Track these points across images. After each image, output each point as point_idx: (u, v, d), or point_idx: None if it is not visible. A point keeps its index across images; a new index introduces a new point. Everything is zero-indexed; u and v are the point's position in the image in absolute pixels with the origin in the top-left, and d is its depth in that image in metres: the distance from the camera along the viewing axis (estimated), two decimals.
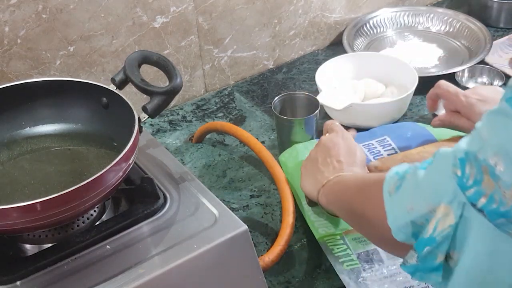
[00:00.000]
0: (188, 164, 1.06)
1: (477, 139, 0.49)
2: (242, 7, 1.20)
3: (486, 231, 0.49)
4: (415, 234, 0.56)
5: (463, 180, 0.50)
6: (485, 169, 0.47)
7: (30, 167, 0.80)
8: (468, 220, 0.51)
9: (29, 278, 0.68)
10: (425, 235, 0.54)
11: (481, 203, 0.49)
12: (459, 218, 0.51)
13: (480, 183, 0.48)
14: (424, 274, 0.56)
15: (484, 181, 0.48)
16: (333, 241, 0.85)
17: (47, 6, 0.98)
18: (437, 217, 0.52)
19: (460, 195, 0.50)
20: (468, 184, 0.49)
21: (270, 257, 0.81)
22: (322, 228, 0.87)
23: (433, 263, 0.54)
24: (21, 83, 0.83)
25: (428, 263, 0.55)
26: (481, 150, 0.48)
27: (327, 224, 0.88)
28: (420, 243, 0.54)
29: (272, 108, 1.02)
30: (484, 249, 0.50)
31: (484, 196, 0.48)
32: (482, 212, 0.49)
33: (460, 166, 0.50)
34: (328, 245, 0.84)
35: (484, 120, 0.49)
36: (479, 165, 0.48)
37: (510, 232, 0.48)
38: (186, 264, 0.69)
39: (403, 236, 0.58)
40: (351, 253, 0.82)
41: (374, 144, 1.00)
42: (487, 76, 1.20)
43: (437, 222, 0.52)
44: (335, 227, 0.87)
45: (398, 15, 1.42)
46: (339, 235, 0.86)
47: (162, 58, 0.82)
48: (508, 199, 0.46)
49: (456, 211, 0.51)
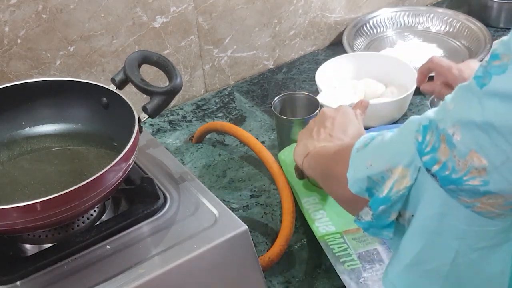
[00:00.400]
0: (188, 164, 1.06)
1: (443, 109, 0.51)
2: (242, 7, 1.20)
3: (437, 195, 0.52)
4: (369, 189, 0.59)
5: (422, 146, 0.52)
6: (443, 138, 0.50)
7: (30, 167, 0.80)
8: (422, 183, 0.53)
9: (29, 278, 0.68)
10: (381, 195, 0.57)
11: (434, 169, 0.51)
12: (414, 180, 0.54)
13: (436, 150, 0.51)
14: (377, 230, 0.59)
15: (440, 149, 0.50)
16: (333, 240, 0.85)
17: (47, 6, 0.98)
18: (393, 178, 0.55)
19: (418, 160, 0.53)
20: (426, 150, 0.52)
21: (270, 257, 0.81)
22: (323, 227, 0.87)
23: (386, 221, 0.58)
24: (21, 83, 0.83)
25: (382, 221, 0.58)
26: (443, 120, 0.50)
27: (328, 223, 0.88)
28: (376, 201, 0.57)
29: (272, 108, 1.02)
30: (434, 212, 0.53)
31: (438, 163, 0.51)
32: (435, 177, 0.51)
33: (422, 132, 0.52)
34: (329, 244, 0.84)
35: (453, 93, 0.51)
36: (438, 134, 0.51)
37: (459, 198, 0.51)
38: (186, 264, 0.69)
39: (357, 189, 0.60)
40: (352, 252, 0.82)
41: None
42: None
43: (393, 182, 0.55)
44: (336, 226, 0.87)
45: (398, 15, 1.42)
46: (340, 234, 0.86)
47: (162, 58, 0.82)
48: (460, 167, 0.49)
49: (412, 174, 0.54)
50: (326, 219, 0.89)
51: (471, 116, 0.47)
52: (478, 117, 0.47)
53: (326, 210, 0.90)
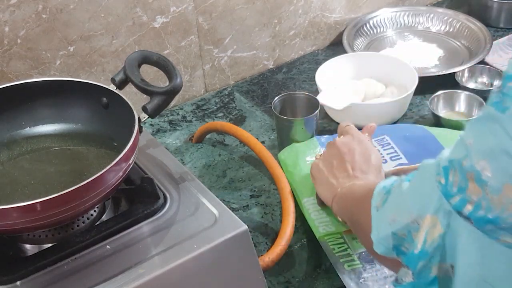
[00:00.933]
0: (188, 164, 1.06)
1: (462, 147, 0.49)
2: (242, 7, 1.20)
3: (475, 238, 0.49)
4: (396, 247, 0.55)
5: (447, 188, 0.49)
6: (470, 176, 0.47)
7: (30, 167, 0.79)
8: (456, 229, 0.50)
9: (29, 278, 0.68)
10: (415, 250, 0.53)
11: (467, 210, 0.48)
12: (447, 227, 0.50)
13: (465, 190, 0.48)
14: None
15: (469, 188, 0.47)
16: (333, 240, 0.85)
17: (47, 6, 0.98)
18: (424, 228, 0.52)
19: (445, 204, 0.50)
20: (452, 192, 0.49)
21: (270, 257, 0.81)
22: (323, 227, 0.87)
23: (429, 277, 0.53)
24: (21, 83, 0.83)
25: (424, 278, 0.54)
26: (467, 157, 0.47)
27: (328, 223, 0.88)
28: (412, 258, 0.54)
29: (272, 108, 1.02)
30: (474, 257, 0.50)
31: (470, 203, 0.47)
32: (469, 219, 0.48)
33: (443, 174, 0.49)
34: (329, 244, 0.84)
35: (468, 128, 0.49)
36: (464, 173, 0.47)
37: (499, 239, 0.47)
38: (186, 264, 0.69)
39: (383, 249, 0.57)
40: (352, 253, 0.82)
41: (373, 144, 1.00)
42: (487, 76, 1.20)
43: (426, 233, 0.52)
44: (336, 226, 0.87)
45: (398, 15, 1.42)
46: (340, 234, 0.86)
47: (162, 58, 0.82)
48: (496, 204, 0.45)
49: (443, 220, 0.50)
50: (326, 219, 0.89)
51: (498, 145, 0.45)
52: (505, 144, 0.44)
53: (326, 210, 0.90)
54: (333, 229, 0.87)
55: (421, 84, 1.10)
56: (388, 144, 1.00)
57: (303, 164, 0.97)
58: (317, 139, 1.02)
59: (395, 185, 0.59)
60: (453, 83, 1.16)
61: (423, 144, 0.98)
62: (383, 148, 0.99)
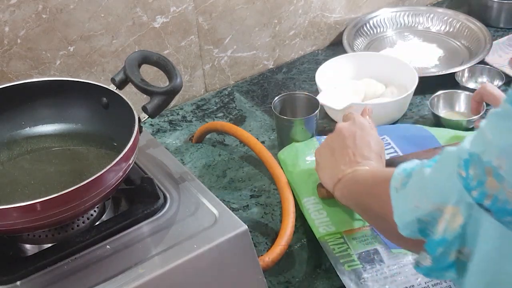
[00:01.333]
0: (188, 164, 1.06)
1: (481, 140, 0.50)
2: (242, 7, 1.20)
3: (493, 228, 0.50)
4: (421, 230, 0.57)
5: (467, 181, 0.50)
6: (488, 171, 0.48)
7: (30, 167, 0.79)
8: (477, 219, 0.51)
9: (29, 278, 0.68)
10: (436, 237, 0.54)
11: (486, 203, 0.49)
12: (468, 218, 0.51)
13: (484, 184, 0.49)
14: (439, 273, 0.56)
15: (488, 182, 0.48)
16: (333, 240, 0.85)
17: (47, 6, 0.98)
18: (445, 218, 0.53)
19: (467, 196, 0.51)
20: (472, 185, 0.50)
21: (270, 257, 0.81)
22: (323, 227, 0.87)
23: (447, 262, 0.55)
24: (21, 83, 0.83)
25: (442, 262, 0.55)
26: (485, 152, 0.48)
27: (328, 223, 0.88)
28: (432, 244, 0.55)
29: (272, 108, 1.02)
30: (493, 247, 0.51)
31: (489, 197, 0.48)
32: (489, 211, 0.49)
33: (464, 167, 0.50)
34: (329, 244, 0.84)
35: (488, 120, 0.50)
36: (482, 167, 0.49)
37: None
38: (186, 264, 0.69)
39: (409, 232, 0.59)
40: (352, 253, 0.82)
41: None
42: (487, 76, 1.20)
43: (446, 223, 0.53)
44: (336, 226, 0.87)
45: (398, 15, 1.42)
46: (340, 234, 0.86)
47: (162, 58, 0.82)
48: None
49: (464, 211, 0.51)
50: (326, 219, 0.89)
51: None
52: None
53: (326, 210, 0.90)
54: (333, 229, 0.87)
55: (421, 84, 1.10)
56: (388, 144, 1.00)
57: (303, 163, 0.97)
58: (317, 139, 1.02)
59: (417, 169, 0.59)
60: (453, 83, 1.16)
61: (423, 144, 0.98)
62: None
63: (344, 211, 0.89)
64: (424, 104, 1.16)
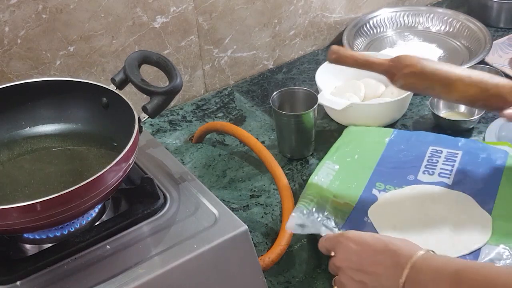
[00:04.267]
0: (188, 164, 1.06)
1: None
2: (242, 7, 1.20)
3: None
4: None
5: None
6: None
7: (30, 167, 0.79)
8: None
9: (29, 278, 0.68)
10: None
11: None
12: None
13: None
14: None
15: None
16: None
17: (47, 6, 0.98)
18: None
19: None
20: None
21: (270, 257, 0.81)
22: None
23: None
24: (21, 83, 0.83)
25: None
26: None
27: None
28: None
29: (271, 103, 1.02)
30: None
31: None
32: None
33: None
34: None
35: None
36: None
37: None
38: (186, 264, 0.69)
39: None
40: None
41: (442, 153, 0.96)
42: None
43: None
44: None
45: (398, 15, 1.42)
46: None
47: (162, 58, 0.82)
48: None
49: None
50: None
51: None
52: None
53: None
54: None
55: None
56: (453, 161, 0.95)
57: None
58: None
59: None
60: None
61: (481, 178, 0.91)
62: (443, 160, 0.95)
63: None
64: (424, 104, 1.16)
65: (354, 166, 0.96)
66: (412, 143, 1.00)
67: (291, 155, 1.06)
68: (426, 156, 0.96)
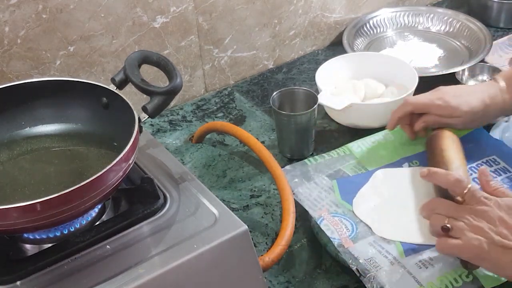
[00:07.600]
0: (188, 164, 1.06)
1: None
2: (242, 7, 1.20)
3: None
4: None
5: None
6: None
7: (30, 167, 0.79)
8: None
9: (29, 278, 0.68)
10: None
11: None
12: None
13: None
14: None
15: None
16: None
17: (47, 6, 0.98)
18: None
19: None
20: None
21: (270, 257, 0.81)
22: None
23: None
24: (21, 83, 0.83)
25: None
26: None
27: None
28: None
29: (271, 103, 1.02)
30: None
31: None
32: None
33: None
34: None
35: None
36: None
37: None
38: (186, 264, 0.69)
39: None
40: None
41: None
42: (488, 74, 1.20)
43: None
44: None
45: (398, 15, 1.42)
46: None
47: (162, 58, 0.82)
48: None
49: None
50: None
51: None
52: None
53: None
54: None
55: (421, 84, 1.10)
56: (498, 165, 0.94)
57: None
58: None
59: None
60: (453, 83, 1.16)
61: None
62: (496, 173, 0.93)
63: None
64: None
65: None
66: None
67: (291, 155, 1.06)
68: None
